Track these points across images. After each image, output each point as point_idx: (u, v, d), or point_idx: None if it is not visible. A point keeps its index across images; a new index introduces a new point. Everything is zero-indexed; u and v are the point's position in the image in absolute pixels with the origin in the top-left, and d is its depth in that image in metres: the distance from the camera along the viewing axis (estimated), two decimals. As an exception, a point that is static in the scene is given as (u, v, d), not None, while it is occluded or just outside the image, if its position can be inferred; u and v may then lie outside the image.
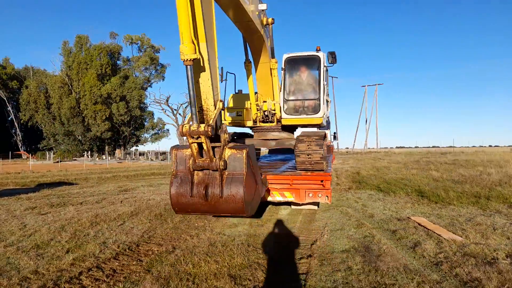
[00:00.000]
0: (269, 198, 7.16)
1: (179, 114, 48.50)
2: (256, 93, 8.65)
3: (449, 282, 3.84)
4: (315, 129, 8.70)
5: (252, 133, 9.31)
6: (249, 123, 8.86)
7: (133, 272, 4.28)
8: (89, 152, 53.02)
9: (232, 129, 9.43)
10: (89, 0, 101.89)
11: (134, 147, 64.54)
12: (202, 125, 3.98)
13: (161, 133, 64.78)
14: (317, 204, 8.25)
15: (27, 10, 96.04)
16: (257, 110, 8.65)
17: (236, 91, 9.57)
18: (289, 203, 8.43)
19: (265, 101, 8.60)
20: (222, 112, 7.48)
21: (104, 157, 49.17)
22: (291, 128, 8.89)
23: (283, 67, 8.23)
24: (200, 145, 4.15)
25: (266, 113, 8.58)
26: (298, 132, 9.24)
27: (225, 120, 8.95)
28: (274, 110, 8.51)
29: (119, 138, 59.52)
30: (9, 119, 63.41)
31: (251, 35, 7.16)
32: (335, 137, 17.81)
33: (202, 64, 4.05)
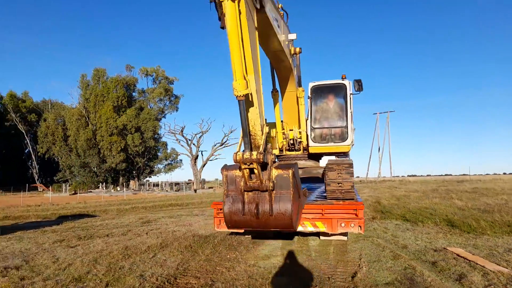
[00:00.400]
0: (300, 228, 7.07)
1: (193, 144, 49.00)
2: (282, 121, 8.77)
3: (508, 317, 3.70)
4: (341, 158, 8.71)
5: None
6: (275, 152, 8.92)
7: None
8: (104, 183, 53.46)
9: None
10: (105, 33, 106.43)
11: (147, 178, 65.10)
12: (254, 153, 4.20)
13: (174, 164, 65.25)
14: (346, 234, 8.12)
15: (46, 43, 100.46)
16: (283, 139, 8.74)
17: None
18: (317, 234, 8.34)
19: (291, 130, 8.69)
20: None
21: (118, 189, 49.50)
22: (317, 157, 8.91)
23: (309, 95, 8.39)
24: (251, 169, 4.37)
25: (292, 141, 8.65)
26: (324, 160, 9.27)
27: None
28: (300, 138, 8.59)
29: (133, 169, 60.10)
30: (26, 151, 64.91)
31: (279, 64, 7.36)
32: None
33: (250, 96, 4.20)
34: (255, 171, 4.30)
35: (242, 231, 7.33)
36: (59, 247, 8.15)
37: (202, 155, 49.46)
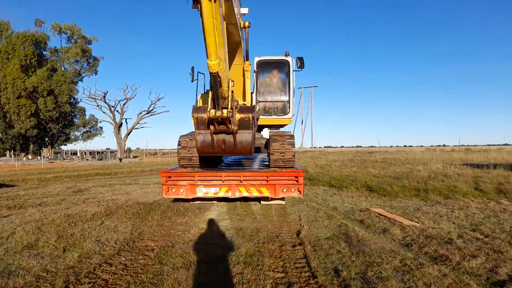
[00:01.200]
0: (245, 194, 7.62)
1: (117, 111, 46.30)
2: None
3: (423, 259, 4.66)
4: (280, 129, 9.34)
5: None
6: None
7: (146, 265, 4.47)
8: (12, 151, 48.24)
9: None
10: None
11: (62, 146, 60.20)
12: (225, 111, 5.60)
13: (93, 131, 61.12)
14: (283, 199, 8.89)
15: None
16: None
17: (205, 91, 9.84)
18: (258, 199, 8.99)
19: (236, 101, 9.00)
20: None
21: (30, 157, 45.14)
22: (259, 128, 9.40)
23: (255, 69, 8.72)
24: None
25: None
26: (265, 132, 9.82)
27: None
28: None
29: (46, 136, 54.98)
30: None
31: (229, 37, 7.53)
32: None
33: (221, 66, 4.62)
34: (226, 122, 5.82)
35: (186, 197, 7.65)
36: (-13, 217, 7.61)
37: (126, 123, 47.19)
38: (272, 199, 8.59)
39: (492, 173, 14.02)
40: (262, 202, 8.94)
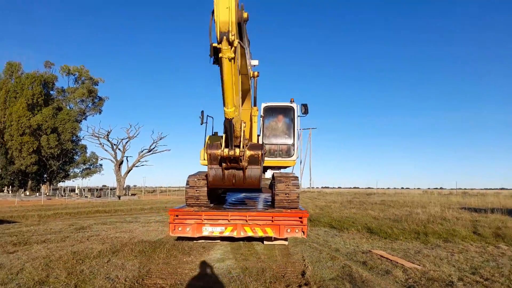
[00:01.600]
0: (250, 234, 7.81)
1: (119, 149, 46.76)
2: None
3: (425, 299, 4.83)
4: (285, 171, 9.70)
5: None
6: None
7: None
8: (10, 187, 48.05)
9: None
10: (24, 24, 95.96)
11: (61, 183, 60.04)
12: (237, 150, 6.39)
13: (93, 168, 61.27)
14: (286, 239, 9.03)
15: None
16: None
17: (213, 133, 10.31)
18: (261, 239, 9.14)
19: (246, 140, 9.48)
20: (202, 151, 8.52)
21: (27, 193, 44.94)
22: (264, 170, 9.75)
23: (262, 114, 9.23)
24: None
25: None
26: (268, 173, 10.17)
27: (204, 159, 9.58)
28: None
29: (45, 172, 55.04)
30: None
31: (241, 86, 8.12)
32: None
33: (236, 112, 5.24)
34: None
35: (192, 236, 7.84)
36: (-5, 253, 7.73)
37: (127, 160, 47.42)
38: (276, 239, 8.75)
39: (490, 218, 14.19)
40: (265, 242, 9.07)
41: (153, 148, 47.29)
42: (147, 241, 9.35)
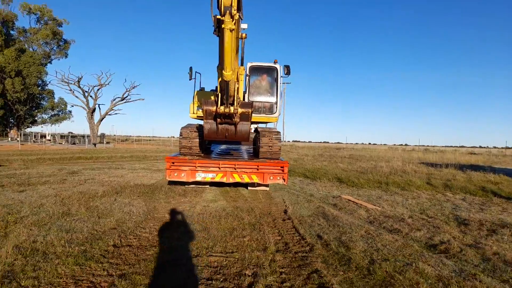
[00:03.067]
0: (238, 180, 8.92)
1: (90, 96, 45.69)
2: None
3: (381, 230, 6.19)
4: (268, 126, 10.70)
5: None
6: None
7: (171, 229, 5.71)
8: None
9: (197, 122, 10.87)
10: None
11: (29, 128, 58.59)
12: (232, 108, 7.43)
13: (62, 115, 59.83)
14: (268, 186, 10.27)
15: None
16: None
17: (200, 89, 11.02)
18: (245, 185, 10.34)
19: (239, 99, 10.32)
20: (192, 105, 9.45)
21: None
22: None
23: (247, 73, 9.98)
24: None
25: None
26: (252, 128, 11.15)
27: (193, 113, 10.39)
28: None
29: (12, 117, 53.33)
30: None
31: None
32: None
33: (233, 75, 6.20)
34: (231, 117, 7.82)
35: (186, 180, 8.85)
36: (5, 191, 8.49)
37: (99, 108, 46.65)
38: (259, 185, 9.98)
39: (443, 171, 16.13)
40: (250, 188, 10.28)
41: (126, 97, 46.59)
42: (141, 184, 10.32)
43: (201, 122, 11.06)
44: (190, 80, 10.58)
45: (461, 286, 3.73)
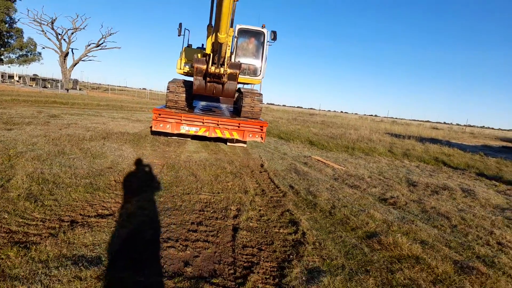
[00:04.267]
0: (219, 135, 9.63)
1: (64, 39, 43.69)
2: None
3: (344, 185, 7.19)
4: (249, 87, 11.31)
5: None
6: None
7: (162, 172, 6.43)
8: None
9: (183, 77, 11.29)
10: None
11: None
12: (222, 69, 8.15)
13: (31, 56, 56.89)
14: (245, 142, 11.07)
15: None
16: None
17: (188, 45, 11.35)
18: (224, 141, 11.09)
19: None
20: (179, 61, 9.98)
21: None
22: None
23: (236, 35, 10.38)
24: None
25: None
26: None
27: (180, 68, 10.79)
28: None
29: (-25, 54, 50.37)
30: None
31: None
32: None
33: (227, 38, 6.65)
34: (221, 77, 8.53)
35: (171, 132, 9.47)
36: (-7, 130, 8.78)
37: (73, 53, 44.86)
38: (237, 141, 10.76)
39: (405, 142, 17.52)
40: (228, 144, 11.05)
41: (101, 43, 44.93)
42: (126, 132, 10.83)
43: (187, 78, 11.51)
44: (179, 36, 10.86)
45: (400, 227, 4.75)
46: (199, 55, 11.05)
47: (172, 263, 3.13)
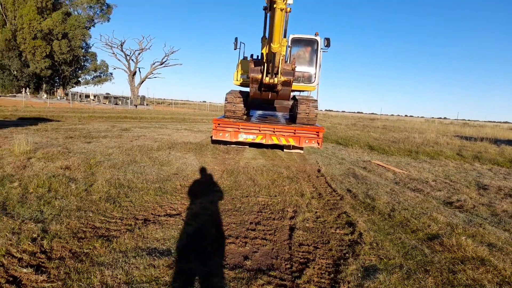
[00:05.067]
0: (275, 142, 9.85)
1: (132, 60, 47.56)
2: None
3: (405, 189, 6.98)
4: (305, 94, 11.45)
5: None
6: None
7: (223, 177, 6.79)
8: (26, 89, 49.98)
9: (240, 88, 11.77)
10: None
11: (73, 88, 61.95)
12: (276, 79, 8.45)
13: (104, 76, 62.66)
14: (302, 149, 11.16)
15: None
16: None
17: (243, 57, 11.83)
18: (281, 147, 11.28)
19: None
20: (236, 73, 10.35)
21: (45, 96, 47.09)
22: None
23: (289, 45, 10.62)
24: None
25: None
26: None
27: (237, 80, 11.27)
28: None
29: (58, 77, 56.62)
30: None
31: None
32: None
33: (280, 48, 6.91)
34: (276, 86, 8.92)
35: (230, 140, 9.88)
36: (75, 141, 9.87)
37: (140, 72, 48.56)
38: (294, 148, 10.89)
39: (477, 144, 16.30)
40: (285, 150, 11.23)
41: (165, 61, 48.05)
42: (189, 142, 11.50)
43: (243, 89, 11.96)
44: (235, 49, 11.39)
45: (465, 229, 4.54)
46: (252, 64, 11.48)
47: (233, 257, 3.37)
